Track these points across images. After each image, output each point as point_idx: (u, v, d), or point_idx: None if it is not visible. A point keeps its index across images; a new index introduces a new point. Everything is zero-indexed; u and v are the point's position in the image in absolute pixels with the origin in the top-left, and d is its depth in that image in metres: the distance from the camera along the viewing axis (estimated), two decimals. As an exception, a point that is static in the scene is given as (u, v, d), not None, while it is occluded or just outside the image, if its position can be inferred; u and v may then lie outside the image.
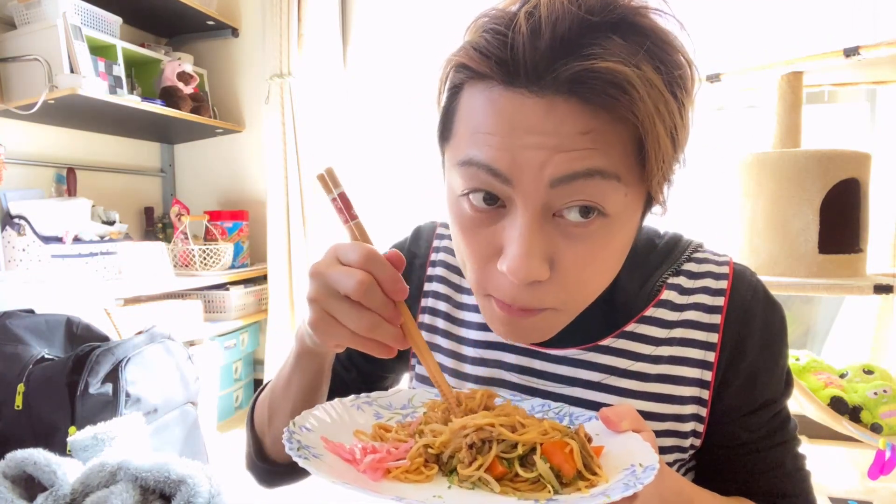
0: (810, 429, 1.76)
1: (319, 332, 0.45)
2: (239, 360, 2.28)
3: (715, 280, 0.56)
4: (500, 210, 0.45)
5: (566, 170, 0.40)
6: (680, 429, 0.55)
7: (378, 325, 0.43)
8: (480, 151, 0.42)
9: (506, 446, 0.40)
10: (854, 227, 1.42)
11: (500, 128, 0.42)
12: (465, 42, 0.44)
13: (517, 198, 0.43)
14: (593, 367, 0.55)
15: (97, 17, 1.90)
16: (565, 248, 0.44)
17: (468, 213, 0.46)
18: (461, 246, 0.48)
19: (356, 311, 0.42)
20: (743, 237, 1.46)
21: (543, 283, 0.44)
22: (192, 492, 0.55)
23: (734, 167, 1.47)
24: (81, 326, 1.41)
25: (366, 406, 0.51)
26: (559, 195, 0.42)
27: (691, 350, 0.54)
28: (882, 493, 1.54)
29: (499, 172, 0.42)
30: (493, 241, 0.45)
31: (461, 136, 0.45)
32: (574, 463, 0.39)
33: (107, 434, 0.67)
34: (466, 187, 0.45)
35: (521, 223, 0.42)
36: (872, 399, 1.44)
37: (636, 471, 0.37)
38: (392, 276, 0.43)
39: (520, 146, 0.41)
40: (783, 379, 0.58)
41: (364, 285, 0.41)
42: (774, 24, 2.03)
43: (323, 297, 0.44)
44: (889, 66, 1.41)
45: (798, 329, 2.04)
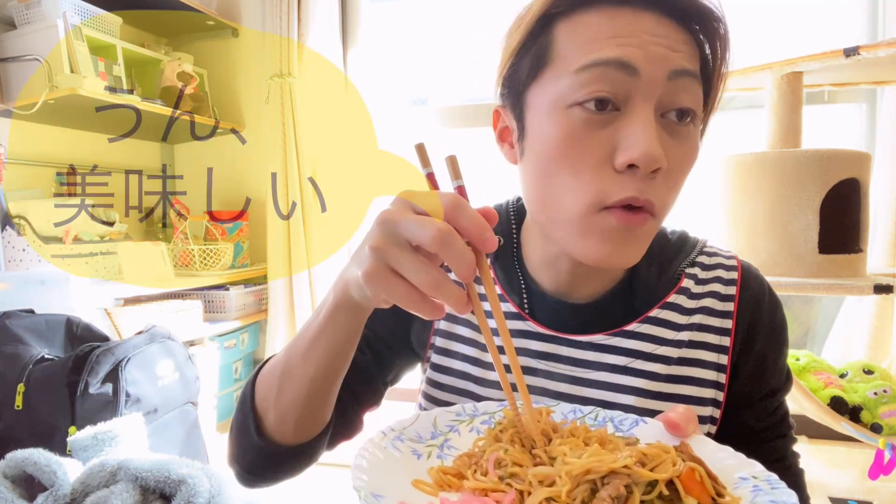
0: (810, 429, 1.76)
1: (373, 284, 0.40)
2: (239, 360, 2.28)
3: (726, 271, 0.60)
4: (613, 114, 0.49)
5: (680, 65, 0.49)
6: (700, 413, 0.57)
7: (444, 283, 0.38)
8: (611, 50, 0.48)
9: (643, 487, 0.35)
10: (854, 227, 1.42)
11: (623, 31, 0.48)
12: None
13: (639, 92, 0.48)
14: (619, 352, 0.57)
15: (97, 17, 1.90)
16: (672, 144, 0.50)
17: (581, 120, 0.49)
18: (565, 161, 0.50)
19: (424, 265, 0.38)
20: (743, 237, 1.45)
21: (657, 178, 0.49)
22: (192, 492, 0.55)
23: (734, 167, 1.47)
24: (81, 326, 1.41)
25: (399, 443, 0.43)
26: (671, 91, 0.49)
27: (709, 335, 0.58)
28: (882, 493, 1.54)
29: (629, 63, 0.47)
30: (607, 143, 0.49)
31: (571, 52, 0.50)
32: (708, 490, 0.35)
33: (107, 434, 0.67)
34: (586, 89, 0.48)
35: (644, 114, 0.48)
36: (872, 399, 1.44)
37: (761, 486, 0.36)
38: (480, 225, 0.38)
39: (644, 42, 0.48)
40: (784, 371, 0.61)
41: (443, 234, 0.37)
42: (774, 24, 2.04)
43: (388, 246, 0.39)
44: (889, 66, 1.41)
45: (798, 329, 2.04)
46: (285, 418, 0.54)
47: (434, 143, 0.49)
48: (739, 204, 1.46)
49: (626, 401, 0.56)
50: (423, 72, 2.39)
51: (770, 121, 1.52)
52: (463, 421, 0.48)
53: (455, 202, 0.39)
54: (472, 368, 0.62)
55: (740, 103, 2.00)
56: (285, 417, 0.54)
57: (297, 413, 0.54)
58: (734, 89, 1.71)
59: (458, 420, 0.48)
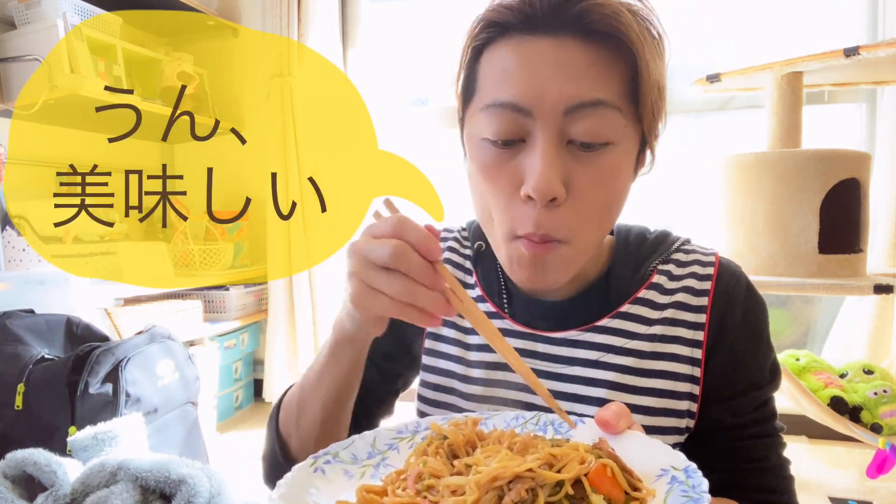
0: (810, 429, 1.77)
1: (360, 305, 0.46)
2: (239, 360, 2.28)
3: (702, 267, 0.60)
4: (520, 146, 0.51)
5: (577, 98, 0.48)
6: (676, 407, 0.57)
7: (415, 289, 0.44)
8: (505, 92, 0.50)
9: (549, 489, 0.35)
10: (854, 227, 1.42)
11: (521, 68, 0.50)
12: (487, 6, 0.52)
13: (536, 127, 0.49)
14: (591, 347, 0.59)
15: (97, 17, 1.90)
16: (579, 172, 0.50)
17: (491, 153, 0.52)
18: (484, 186, 0.53)
19: (393, 277, 0.44)
20: (743, 237, 1.46)
21: (560, 207, 0.50)
22: (192, 492, 0.55)
23: (734, 167, 1.47)
24: (81, 326, 1.41)
25: (328, 466, 0.43)
26: (572, 122, 0.49)
27: (682, 330, 0.58)
28: (882, 492, 1.54)
29: (521, 107, 0.49)
30: (516, 174, 0.51)
31: (484, 88, 0.53)
32: (620, 485, 0.36)
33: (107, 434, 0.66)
34: (491, 128, 0.51)
35: (540, 148, 0.49)
36: (872, 399, 1.44)
37: (677, 476, 0.36)
38: (424, 237, 0.44)
39: (538, 80, 0.49)
40: (767, 367, 0.60)
41: (397, 250, 0.43)
42: (774, 24, 2.04)
43: (361, 270, 0.45)
44: (889, 66, 1.41)
45: (798, 329, 2.04)
46: (306, 443, 0.60)
47: (434, 143, 0.51)
48: (739, 204, 1.46)
49: (599, 394, 0.58)
50: (423, 72, 2.39)
51: (770, 121, 1.52)
52: (404, 438, 0.48)
53: (400, 222, 0.44)
54: (455, 367, 0.64)
55: (740, 103, 2.01)
56: (306, 442, 0.60)
57: (315, 436, 0.59)
58: (734, 89, 1.71)
59: (399, 438, 0.48)
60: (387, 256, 0.43)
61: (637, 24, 0.49)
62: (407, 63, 2.40)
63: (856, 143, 1.99)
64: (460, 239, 0.70)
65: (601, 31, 0.49)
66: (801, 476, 1.48)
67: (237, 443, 2.01)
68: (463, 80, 0.56)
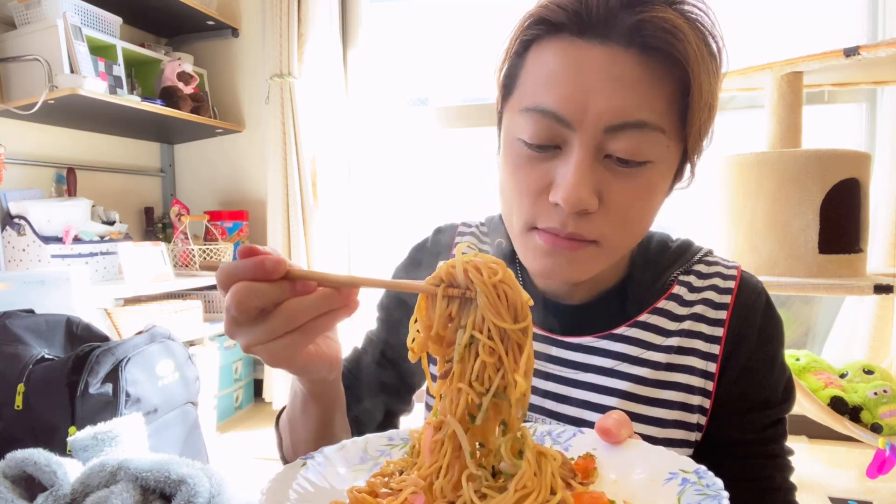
0: (810, 429, 1.77)
1: (279, 362, 0.41)
2: (239, 360, 2.28)
3: (723, 280, 0.59)
4: (556, 151, 0.50)
5: (620, 117, 0.47)
6: (687, 419, 0.56)
7: (291, 312, 0.38)
8: (547, 98, 0.49)
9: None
10: (854, 227, 1.42)
11: (567, 75, 0.48)
12: (539, 2, 0.51)
13: (574, 138, 0.48)
14: (607, 354, 0.57)
15: (97, 17, 1.90)
16: (613, 185, 0.49)
17: (524, 151, 0.51)
18: (512, 184, 0.53)
19: (267, 320, 0.38)
20: (743, 237, 1.45)
21: (591, 214, 0.49)
22: (192, 492, 0.55)
23: (734, 167, 1.47)
24: (81, 326, 1.41)
25: (320, 469, 0.43)
26: (612, 139, 0.48)
27: (698, 342, 0.57)
28: (882, 492, 1.54)
29: (562, 117, 0.48)
30: (546, 176, 0.50)
31: (528, 85, 0.51)
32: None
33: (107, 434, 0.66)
34: (528, 131, 0.50)
35: (575, 158, 0.48)
36: (872, 399, 1.44)
37: (688, 477, 0.36)
38: (252, 265, 0.37)
39: (582, 92, 0.47)
40: (781, 386, 0.58)
41: (237, 296, 0.37)
42: (774, 24, 2.04)
43: (249, 339, 0.40)
44: (889, 66, 1.41)
45: (798, 329, 2.04)
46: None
47: (434, 144, 0.51)
48: (739, 204, 1.46)
49: (611, 403, 0.56)
50: (423, 72, 2.39)
51: (770, 121, 1.52)
52: (396, 445, 0.48)
53: (222, 273, 0.39)
54: None
55: (740, 103, 2.00)
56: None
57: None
58: (734, 89, 1.71)
59: (390, 445, 0.48)
60: (234, 306, 0.37)
61: (695, 38, 0.47)
62: (407, 63, 2.40)
63: (856, 143, 1.99)
64: (479, 235, 0.69)
65: (655, 47, 0.46)
66: (802, 476, 1.49)
67: (237, 443, 2.01)
68: (506, 70, 0.55)
